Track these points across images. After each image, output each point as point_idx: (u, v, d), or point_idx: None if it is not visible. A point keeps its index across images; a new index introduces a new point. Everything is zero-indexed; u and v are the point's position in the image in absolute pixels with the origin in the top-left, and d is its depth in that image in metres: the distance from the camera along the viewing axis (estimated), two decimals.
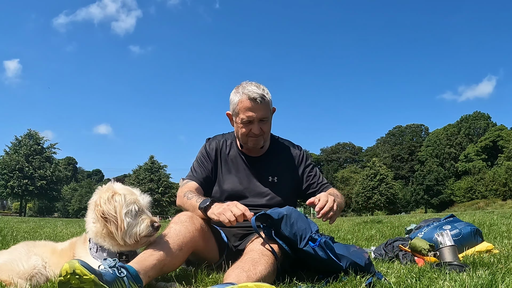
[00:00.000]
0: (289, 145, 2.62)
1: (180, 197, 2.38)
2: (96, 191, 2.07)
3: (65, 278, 1.55)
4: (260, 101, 2.30)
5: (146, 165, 57.28)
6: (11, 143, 54.09)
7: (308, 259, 2.03)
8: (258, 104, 2.31)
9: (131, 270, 1.75)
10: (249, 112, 2.32)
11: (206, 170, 2.51)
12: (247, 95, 2.31)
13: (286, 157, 2.57)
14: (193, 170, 2.53)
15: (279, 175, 2.51)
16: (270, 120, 2.44)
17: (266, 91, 2.37)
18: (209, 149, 2.56)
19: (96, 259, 1.99)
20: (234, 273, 1.77)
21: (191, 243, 2.09)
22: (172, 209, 54.89)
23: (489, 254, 2.83)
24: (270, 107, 2.41)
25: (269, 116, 2.41)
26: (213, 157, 2.54)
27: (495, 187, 57.75)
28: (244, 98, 2.32)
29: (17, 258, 1.99)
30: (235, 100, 2.36)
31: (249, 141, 2.42)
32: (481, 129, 71.81)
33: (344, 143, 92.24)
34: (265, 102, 2.34)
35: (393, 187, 59.51)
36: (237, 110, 2.37)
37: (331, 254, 1.96)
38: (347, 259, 2.02)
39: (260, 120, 2.35)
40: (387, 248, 3.14)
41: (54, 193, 55.82)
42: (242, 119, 2.35)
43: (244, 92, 2.33)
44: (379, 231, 5.81)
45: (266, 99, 2.34)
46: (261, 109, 2.33)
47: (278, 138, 2.64)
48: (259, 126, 2.36)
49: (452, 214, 3.59)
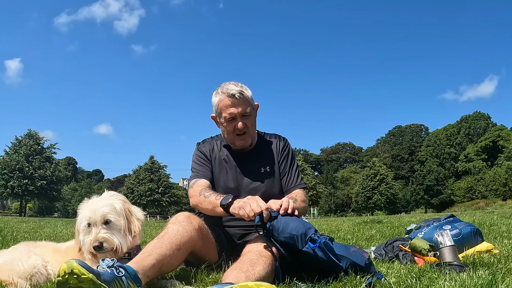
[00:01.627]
0: (276, 137, 2.68)
1: (195, 196, 2.38)
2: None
3: (63, 278, 1.55)
4: (239, 96, 2.37)
5: (146, 165, 57.27)
6: (11, 143, 54.12)
7: (307, 260, 2.03)
8: (237, 100, 2.37)
9: (130, 270, 1.75)
10: (230, 109, 2.38)
11: (209, 167, 2.54)
12: (226, 94, 2.38)
13: (272, 148, 2.62)
14: (197, 170, 2.54)
15: (270, 165, 2.55)
16: (253, 116, 2.49)
17: (245, 87, 2.44)
18: (203, 150, 2.59)
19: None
20: (232, 273, 1.78)
21: (189, 243, 2.09)
22: (172, 209, 54.86)
23: (489, 254, 2.83)
24: (251, 102, 2.46)
25: (252, 111, 2.46)
26: (209, 157, 2.57)
27: (495, 187, 57.75)
28: (223, 96, 2.39)
29: (17, 257, 2.00)
30: (216, 101, 2.43)
31: (237, 141, 2.47)
32: (481, 129, 71.80)
33: (344, 143, 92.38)
34: (244, 97, 2.39)
35: (393, 187, 59.54)
36: (219, 110, 2.43)
37: (331, 255, 1.96)
38: (347, 259, 2.01)
39: (242, 115, 2.40)
40: (387, 248, 3.14)
41: (54, 193, 55.81)
42: (225, 117, 2.40)
43: (222, 92, 2.40)
44: (379, 231, 5.81)
45: (245, 94, 2.40)
46: (241, 104, 2.38)
47: (264, 133, 2.70)
48: (243, 122, 2.40)
49: (452, 214, 3.59)
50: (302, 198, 2.42)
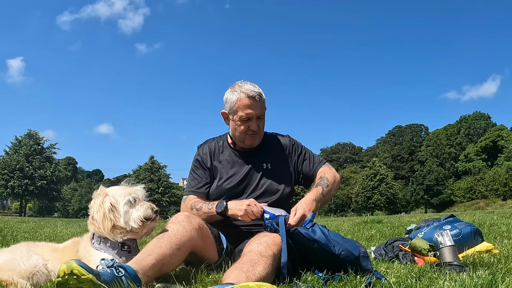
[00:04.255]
0: (277, 135, 2.72)
1: (188, 211, 2.44)
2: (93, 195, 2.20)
3: (63, 278, 1.55)
4: (259, 98, 2.42)
5: (146, 165, 57.27)
6: (11, 143, 54.16)
7: (299, 246, 2.09)
8: (256, 102, 2.42)
9: (130, 270, 1.75)
10: (248, 110, 2.41)
11: (203, 178, 2.58)
12: (245, 94, 2.40)
13: (276, 146, 2.66)
14: (189, 184, 2.63)
15: (272, 162, 2.59)
16: (264, 118, 2.54)
17: (261, 90, 2.49)
18: (202, 154, 2.63)
19: (99, 251, 2.08)
20: (233, 274, 1.77)
21: (189, 242, 2.09)
22: (172, 209, 54.88)
23: (489, 254, 2.83)
24: (265, 105, 2.51)
25: (264, 114, 2.52)
26: (208, 160, 2.60)
27: (495, 187, 57.72)
28: (243, 96, 2.41)
29: (17, 257, 2.00)
30: (233, 99, 2.44)
31: (247, 139, 2.49)
32: (481, 129, 71.76)
33: (344, 143, 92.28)
34: (262, 100, 2.46)
35: (393, 187, 59.55)
36: (235, 108, 2.44)
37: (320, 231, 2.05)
38: (340, 245, 2.06)
39: (257, 117, 2.45)
40: (387, 248, 3.14)
41: (54, 193, 55.84)
42: (241, 117, 2.43)
43: (242, 91, 2.42)
44: (379, 231, 5.80)
45: (262, 97, 2.46)
46: (258, 107, 2.43)
47: (266, 132, 2.72)
48: (257, 123, 2.45)
49: (452, 214, 3.59)
50: (331, 175, 2.57)
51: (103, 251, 2.08)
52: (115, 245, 2.10)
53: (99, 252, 2.07)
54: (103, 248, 2.09)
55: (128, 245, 2.13)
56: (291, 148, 2.66)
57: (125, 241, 2.13)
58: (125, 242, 2.13)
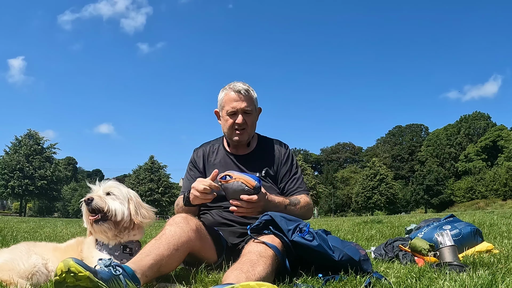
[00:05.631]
0: (276, 143, 2.71)
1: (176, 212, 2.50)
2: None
3: (60, 277, 1.55)
4: (245, 93, 2.47)
5: (146, 165, 57.29)
6: (11, 143, 54.14)
7: (300, 250, 2.07)
8: (242, 96, 2.47)
9: (127, 269, 1.75)
10: (234, 103, 2.47)
11: (195, 180, 2.53)
12: (232, 89, 2.49)
13: (271, 152, 2.66)
14: (183, 185, 2.68)
15: (268, 168, 2.58)
16: (254, 115, 2.56)
17: (251, 88, 2.54)
18: (196, 158, 2.68)
19: (102, 252, 2.10)
20: (233, 274, 1.77)
21: (187, 243, 2.09)
22: (172, 209, 54.86)
23: (489, 254, 2.83)
24: (255, 102, 2.55)
25: (253, 111, 2.53)
26: (201, 164, 2.65)
27: (495, 187, 57.74)
28: (229, 91, 2.51)
29: (17, 257, 2.00)
30: (222, 95, 2.54)
31: (234, 135, 2.52)
32: (481, 129, 71.79)
33: (344, 143, 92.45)
34: (249, 96, 2.50)
35: (393, 187, 59.55)
36: (222, 104, 2.52)
37: (320, 240, 2.02)
38: (340, 251, 2.05)
39: (244, 111, 2.48)
40: (387, 248, 3.14)
41: (54, 193, 55.85)
42: (227, 111, 2.48)
43: (229, 87, 2.51)
44: (379, 231, 5.80)
45: (250, 93, 2.50)
46: (245, 101, 2.48)
47: (265, 138, 2.74)
48: (243, 118, 2.48)
49: (452, 214, 3.58)
50: (306, 201, 2.52)
51: (105, 252, 2.10)
52: (117, 247, 2.12)
53: (102, 253, 2.09)
54: (106, 250, 2.11)
55: (130, 248, 2.15)
56: (284, 158, 2.63)
57: (127, 244, 2.14)
58: (126, 245, 2.14)
